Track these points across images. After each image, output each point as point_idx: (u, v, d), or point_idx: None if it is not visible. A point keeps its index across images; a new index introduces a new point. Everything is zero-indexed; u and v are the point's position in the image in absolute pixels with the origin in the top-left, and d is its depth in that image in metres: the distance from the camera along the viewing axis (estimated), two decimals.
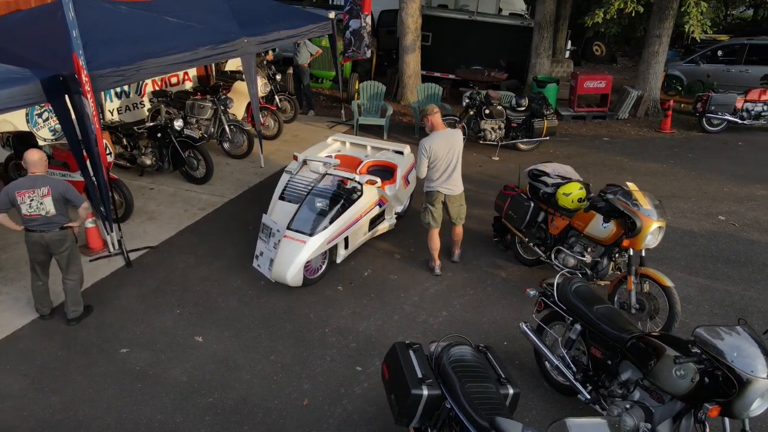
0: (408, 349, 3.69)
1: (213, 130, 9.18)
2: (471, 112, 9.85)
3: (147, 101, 10.59)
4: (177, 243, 6.78)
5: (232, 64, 12.02)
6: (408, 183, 7.19)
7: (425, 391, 3.38)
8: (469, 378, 3.45)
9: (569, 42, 17.54)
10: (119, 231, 6.31)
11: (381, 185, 6.37)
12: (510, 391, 3.56)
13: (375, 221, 6.54)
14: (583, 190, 5.78)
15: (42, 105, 7.63)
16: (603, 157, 10.04)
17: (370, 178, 6.24)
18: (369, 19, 10.73)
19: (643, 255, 5.24)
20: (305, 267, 5.72)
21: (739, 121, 11.36)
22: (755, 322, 5.43)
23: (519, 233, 6.23)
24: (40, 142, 7.78)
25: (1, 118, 7.47)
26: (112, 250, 6.41)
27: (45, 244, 4.94)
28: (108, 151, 7.01)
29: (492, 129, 9.76)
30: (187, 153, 8.17)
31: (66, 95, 5.70)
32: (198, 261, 6.39)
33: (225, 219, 7.40)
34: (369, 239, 6.65)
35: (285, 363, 4.88)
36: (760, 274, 6.31)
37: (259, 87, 9.54)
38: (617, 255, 5.46)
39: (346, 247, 6.22)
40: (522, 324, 4.63)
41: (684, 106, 13.15)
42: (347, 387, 4.62)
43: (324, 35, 10.60)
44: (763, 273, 6.33)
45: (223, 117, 9.10)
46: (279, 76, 11.25)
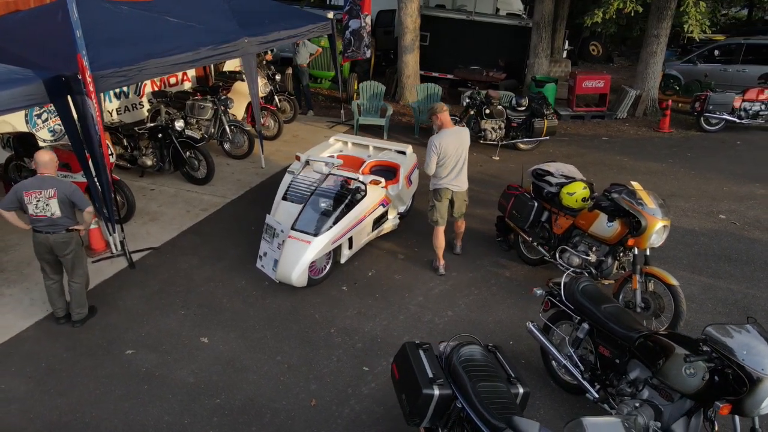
0: (418, 349, 3.69)
1: (213, 130, 9.15)
2: (471, 111, 9.86)
3: (146, 102, 10.56)
4: (179, 244, 6.76)
5: (230, 64, 11.99)
6: (411, 183, 7.19)
7: (436, 391, 3.38)
8: (480, 377, 3.45)
9: (566, 42, 17.58)
10: (122, 232, 6.28)
11: (384, 185, 6.37)
12: (520, 391, 3.57)
13: (378, 221, 6.54)
14: (587, 189, 5.80)
15: (41, 106, 7.58)
16: (603, 157, 10.07)
17: (374, 178, 6.24)
18: (369, 19, 10.73)
19: (648, 254, 5.26)
20: (310, 267, 5.72)
21: (737, 121, 11.41)
22: (759, 320, 5.41)
23: (523, 233, 6.24)
24: (39, 143, 7.73)
25: (1, 119, 7.43)
26: (114, 251, 6.38)
27: (49, 245, 4.91)
28: (110, 152, 6.97)
29: (492, 129, 9.77)
30: (188, 153, 8.14)
31: (68, 96, 5.67)
32: (201, 262, 6.37)
33: (227, 220, 7.38)
34: (372, 239, 6.65)
35: (291, 363, 4.87)
36: (762, 272, 6.34)
37: (259, 87, 9.52)
38: (622, 254, 5.47)
39: (350, 248, 6.22)
40: (529, 323, 4.64)
41: (682, 105, 13.20)
42: (354, 387, 4.62)
43: (323, 35, 10.59)
44: (766, 271, 6.36)
45: (224, 117, 9.08)
46: (278, 76, 11.23)
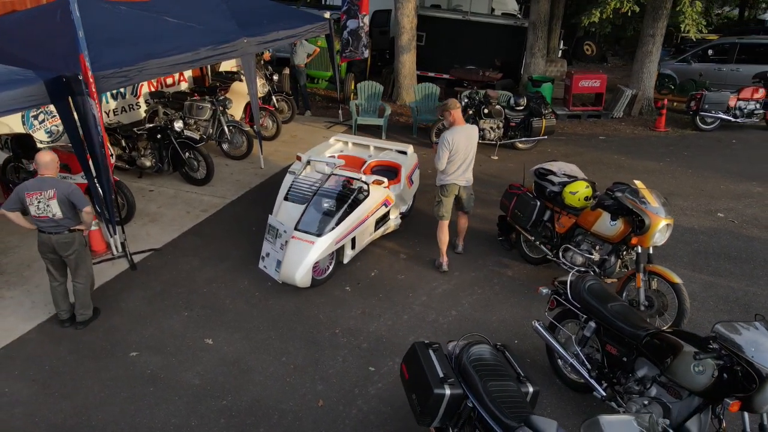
0: (428, 349, 3.69)
1: (212, 131, 9.12)
2: (470, 111, 9.87)
3: (143, 102, 10.50)
4: (180, 245, 6.72)
5: (226, 64, 11.92)
6: (412, 183, 7.20)
7: (447, 391, 3.38)
8: (490, 377, 3.46)
9: (561, 42, 17.65)
10: (123, 233, 6.25)
11: (387, 185, 6.37)
12: (530, 389, 3.57)
13: (380, 221, 6.54)
14: (590, 188, 5.83)
15: (38, 107, 7.51)
16: (600, 156, 10.11)
17: (376, 178, 6.24)
18: (367, 19, 10.73)
19: (651, 252, 5.29)
20: (313, 268, 5.70)
21: (732, 119, 11.50)
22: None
23: (525, 232, 6.25)
24: (37, 144, 7.67)
25: None
26: (115, 252, 6.34)
27: (52, 245, 4.89)
28: (110, 153, 6.93)
29: (491, 128, 9.79)
30: (187, 154, 8.11)
31: (69, 97, 5.63)
32: (203, 263, 6.35)
33: (227, 220, 7.35)
34: (374, 239, 6.64)
35: (297, 364, 4.86)
36: (762, 270, 6.39)
37: (258, 87, 9.49)
38: (625, 252, 5.50)
39: (352, 248, 6.21)
40: (534, 322, 4.66)
41: (676, 104, 13.29)
42: (361, 387, 4.61)
43: (321, 35, 10.57)
44: (765, 269, 6.41)
45: (222, 118, 9.05)
46: (276, 76, 11.20)
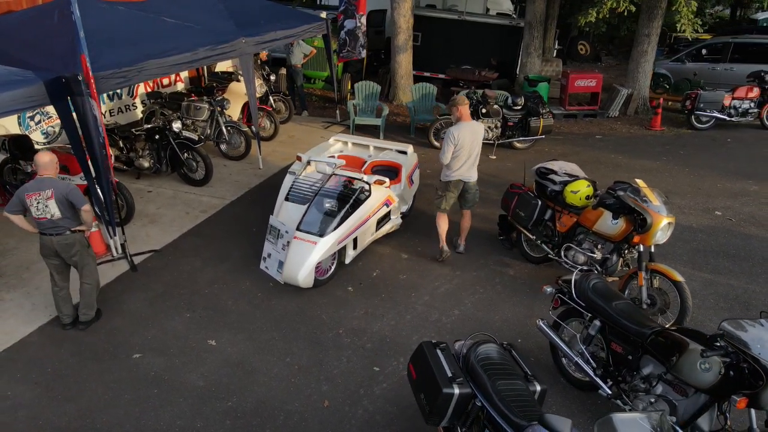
0: (435, 348, 3.69)
1: (210, 131, 9.09)
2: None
3: (139, 103, 10.45)
4: (181, 246, 6.70)
5: (222, 64, 11.87)
6: (412, 183, 7.20)
7: (456, 390, 3.38)
8: (499, 376, 3.46)
9: (556, 42, 17.71)
10: (122, 235, 6.21)
11: (388, 185, 6.37)
12: (537, 388, 3.58)
13: (381, 221, 6.54)
14: (591, 187, 5.85)
15: (36, 108, 7.46)
16: (597, 155, 10.15)
17: (378, 178, 6.24)
18: (364, 19, 10.72)
19: (653, 251, 5.32)
20: (315, 268, 5.69)
21: (727, 118, 11.58)
22: (757, 315, 5.52)
23: (526, 231, 6.27)
24: (35, 145, 7.62)
25: None
26: (115, 254, 6.30)
27: (54, 248, 4.86)
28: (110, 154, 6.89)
29: (489, 128, 9.80)
30: (186, 155, 8.07)
31: (69, 97, 5.59)
32: (204, 264, 6.32)
33: (227, 221, 7.32)
34: (375, 239, 6.64)
35: (302, 365, 4.85)
36: (760, 267, 6.44)
37: (256, 87, 9.45)
38: (626, 251, 5.53)
39: (354, 248, 6.21)
40: (539, 321, 4.67)
41: (671, 103, 13.36)
42: (366, 388, 4.61)
43: (318, 35, 10.56)
44: (764, 267, 6.46)
45: (220, 118, 9.02)
46: (273, 76, 11.17)
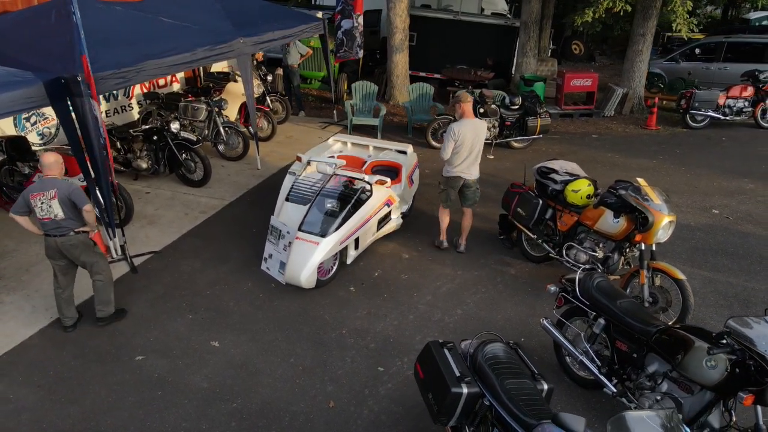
0: (443, 348, 3.69)
1: (207, 132, 9.05)
2: None
3: (135, 104, 10.39)
4: (181, 247, 6.66)
5: (217, 65, 11.83)
6: (412, 182, 7.21)
7: (465, 389, 3.39)
8: (507, 375, 3.47)
9: (551, 41, 17.77)
10: (122, 236, 6.18)
11: (389, 185, 6.37)
12: (544, 387, 3.59)
13: (382, 221, 6.54)
14: (592, 186, 5.87)
15: (35, 109, 7.41)
16: (594, 154, 10.20)
17: (379, 178, 6.24)
18: (361, 19, 10.72)
19: (654, 249, 5.34)
20: (317, 268, 5.68)
21: (722, 117, 11.66)
22: (759, 312, 5.56)
23: (527, 231, 6.28)
24: (32, 146, 7.56)
25: None
26: (115, 255, 6.25)
27: (58, 248, 4.83)
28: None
29: (486, 128, 9.79)
30: (184, 156, 8.03)
31: (68, 98, 5.55)
32: (204, 265, 6.30)
33: (227, 222, 7.30)
34: (376, 239, 6.64)
35: (306, 366, 4.84)
36: (758, 265, 6.49)
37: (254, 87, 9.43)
38: (627, 250, 5.55)
39: (356, 248, 6.20)
40: (543, 320, 4.69)
41: (666, 103, 13.44)
42: (371, 388, 4.61)
43: (315, 35, 10.54)
44: (761, 264, 6.51)
45: (218, 119, 8.98)
46: (270, 77, 11.14)
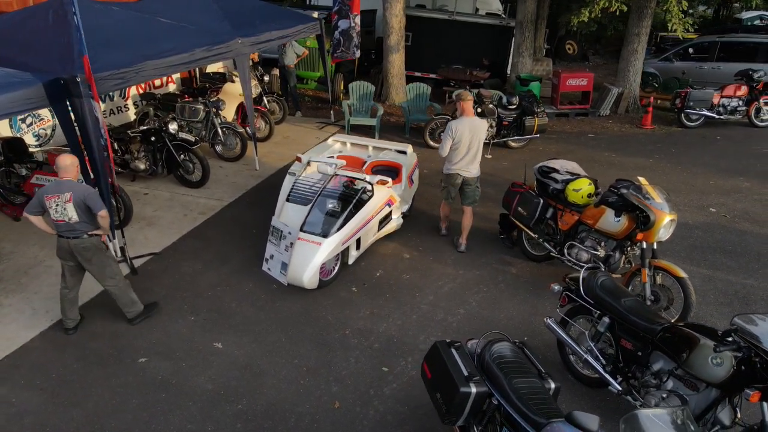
0: (450, 348, 3.69)
1: (205, 132, 9.02)
2: None
3: (131, 104, 10.34)
4: (180, 248, 6.63)
5: (213, 65, 11.80)
6: (412, 182, 7.21)
7: (473, 389, 3.39)
8: (514, 374, 3.48)
9: (545, 41, 17.84)
10: (122, 238, 6.14)
11: (390, 185, 6.37)
12: (552, 386, 3.60)
13: (383, 221, 6.54)
14: (592, 185, 5.90)
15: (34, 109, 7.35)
16: (591, 153, 10.24)
17: (380, 178, 6.23)
18: (358, 19, 10.71)
19: (655, 248, 5.37)
20: (320, 269, 5.67)
21: (716, 116, 11.74)
22: (759, 309, 5.62)
23: (528, 230, 6.30)
24: (29, 148, 7.50)
25: None
26: (115, 257, 6.21)
27: (70, 250, 4.81)
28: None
29: (486, 127, 9.81)
30: (182, 156, 8.00)
31: (67, 99, 5.51)
32: (205, 266, 6.27)
33: (226, 223, 7.27)
34: (376, 239, 6.63)
35: (310, 366, 4.83)
36: (756, 263, 6.54)
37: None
38: (629, 248, 5.58)
39: (357, 248, 6.20)
40: (546, 319, 4.70)
41: (660, 102, 13.51)
42: (376, 388, 4.61)
43: (311, 35, 10.53)
44: (760, 262, 6.56)
45: (215, 119, 8.95)
46: (266, 77, 11.11)
